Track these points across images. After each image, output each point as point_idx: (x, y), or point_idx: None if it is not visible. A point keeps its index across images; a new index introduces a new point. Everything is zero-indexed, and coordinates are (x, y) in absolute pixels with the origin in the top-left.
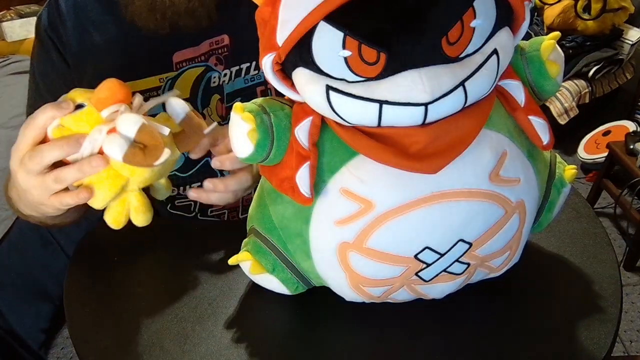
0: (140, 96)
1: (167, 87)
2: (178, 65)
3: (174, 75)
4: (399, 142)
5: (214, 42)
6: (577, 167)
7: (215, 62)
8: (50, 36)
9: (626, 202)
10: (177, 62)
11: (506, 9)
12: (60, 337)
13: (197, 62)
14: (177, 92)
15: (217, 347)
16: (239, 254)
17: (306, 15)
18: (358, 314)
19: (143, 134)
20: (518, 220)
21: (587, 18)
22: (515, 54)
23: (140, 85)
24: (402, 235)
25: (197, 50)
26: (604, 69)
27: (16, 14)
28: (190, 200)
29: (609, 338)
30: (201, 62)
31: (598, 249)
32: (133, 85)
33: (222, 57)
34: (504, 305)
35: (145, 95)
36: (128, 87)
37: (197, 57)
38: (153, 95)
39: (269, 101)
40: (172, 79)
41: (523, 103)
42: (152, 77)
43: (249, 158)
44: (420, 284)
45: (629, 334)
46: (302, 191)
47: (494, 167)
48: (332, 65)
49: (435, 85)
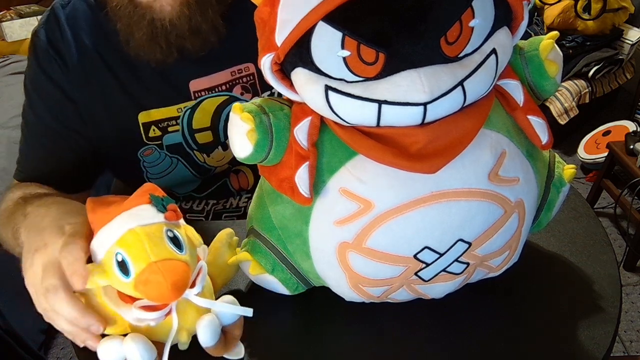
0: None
1: (185, 116)
2: (196, 94)
3: (192, 105)
4: (398, 142)
5: (237, 71)
6: (576, 167)
7: (241, 92)
8: (51, 55)
9: (626, 202)
10: (194, 90)
11: (505, 8)
12: (61, 337)
13: (218, 91)
14: (249, 313)
15: None
16: (238, 254)
17: (305, 15)
18: (358, 314)
19: (238, 327)
20: (517, 219)
21: (587, 18)
22: (514, 54)
23: (157, 115)
24: (401, 235)
25: (215, 79)
26: (604, 69)
27: (16, 14)
28: (202, 216)
29: (608, 338)
30: (222, 91)
31: (598, 248)
32: (150, 115)
33: (248, 85)
34: (503, 305)
35: (164, 126)
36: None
37: (217, 86)
38: (172, 125)
39: (268, 101)
40: (191, 108)
41: (522, 102)
42: (171, 107)
43: (248, 158)
44: (420, 283)
45: (629, 334)
46: (302, 191)
47: (493, 166)
48: (331, 65)
49: (434, 85)
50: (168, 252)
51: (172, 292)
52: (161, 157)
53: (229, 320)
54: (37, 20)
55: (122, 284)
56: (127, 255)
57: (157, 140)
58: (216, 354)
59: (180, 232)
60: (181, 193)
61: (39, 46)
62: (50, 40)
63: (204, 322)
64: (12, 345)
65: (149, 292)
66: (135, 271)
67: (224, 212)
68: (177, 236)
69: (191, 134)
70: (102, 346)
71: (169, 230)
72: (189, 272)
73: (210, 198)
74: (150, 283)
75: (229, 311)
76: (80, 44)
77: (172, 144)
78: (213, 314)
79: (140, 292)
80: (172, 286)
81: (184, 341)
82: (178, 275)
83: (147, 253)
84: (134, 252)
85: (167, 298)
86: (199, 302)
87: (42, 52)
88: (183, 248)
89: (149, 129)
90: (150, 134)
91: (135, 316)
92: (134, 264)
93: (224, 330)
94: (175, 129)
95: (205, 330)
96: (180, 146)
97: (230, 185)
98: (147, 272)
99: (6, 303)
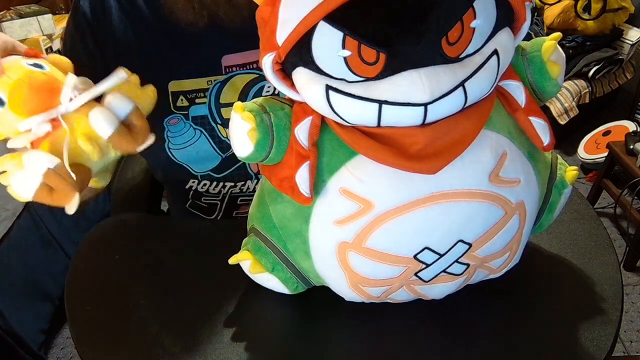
0: (73, 77)
1: (214, 90)
2: (227, 69)
3: (222, 79)
4: (399, 142)
5: None
6: (577, 168)
7: None
8: (89, 23)
9: (626, 202)
10: (226, 65)
11: (507, 9)
12: (60, 337)
13: (249, 68)
14: (124, 75)
15: (217, 346)
16: (239, 253)
17: (306, 14)
18: (357, 314)
19: (135, 116)
20: (518, 221)
21: (587, 18)
22: (516, 55)
23: (188, 85)
24: (401, 236)
25: (248, 56)
26: (604, 69)
27: (16, 14)
28: (217, 200)
29: (609, 340)
30: (253, 69)
31: (599, 250)
32: (181, 85)
33: None
34: (504, 306)
35: (192, 97)
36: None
37: (248, 63)
38: (200, 97)
39: (269, 101)
40: (220, 82)
41: (523, 104)
42: (201, 79)
43: (249, 157)
44: (420, 284)
45: (629, 334)
46: (302, 191)
47: (494, 167)
48: (331, 65)
49: (434, 86)
50: (28, 71)
51: (38, 93)
52: (185, 127)
53: (122, 111)
54: (37, 20)
55: (3, 116)
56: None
57: (184, 110)
58: (126, 146)
59: (42, 61)
60: (200, 171)
61: (79, 15)
62: (92, 9)
63: (93, 112)
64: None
65: (20, 103)
66: (5, 95)
67: (240, 195)
68: (38, 63)
69: (217, 107)
70: (13, 183)
71: (27, 61)
72: (54, 80)
73: (228, 180)
74: (17, 94)
75: (102, 89)
76: (122, 5)
77: (197, 116)
78: (102, 106)
79: (14, 109)
80: (36, 89)
81: (89, 148)
82: (39, 81)
83: (9, 78)
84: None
85: (39, 102)
86: (75, 103)
87: (82, 21)
88: (44, 67)
89: (177, 98)
90: (178, 104)
91: (25, 127)
92: (1, 92)
93: (126, 124)
94: (203, 101)
95: (98, 117)
96: (205, 118)
97: (249, 167)
98: (14, 89)
99: (6, 303)
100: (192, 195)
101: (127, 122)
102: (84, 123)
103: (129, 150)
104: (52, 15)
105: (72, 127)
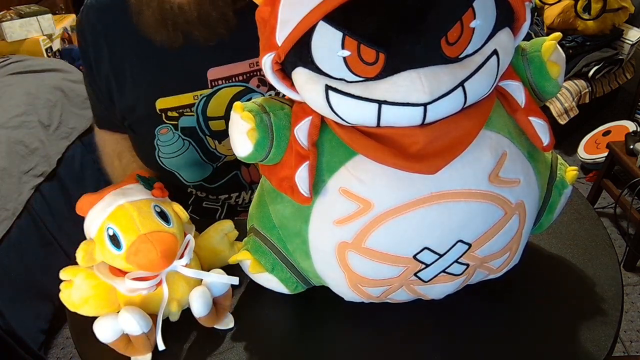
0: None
1: (201, 104)
2: (213, 82)
3: (208, 93)
4: (398, 142)
5: (255, 63)
6: (577, 168)
7: (257, 84)
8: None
9: (626, 202)
10: (212, 79)
11: (506, 9)
12: (60, 337)
13: (235, 81)
14: (236, 282)
15: (217, 345)
16: (239, 253)
17: (305, 15)
18: (357, 314)
19: (226, 298)
20: (518, 221)
21: (587, 18)
22: (516, 55)
23: (173, 102)
24: (400, 236)
25: (233, 68)
26: (604, 69)
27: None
28: (218, 205)
29: (609, 340)
30: (239, 81)
31: (599, 251)
32: (167, 102)
33: (265, 78)
34: (504, 307)
35: (180, 111)
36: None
37: (234, 76)
38: (187, 113)
39: (268, 101)
40: (207, 97)
41: (523, 104)
42: (187, 94)
43: (249, 157)
44: (419, 284)
45: (629, 334)
46: (302, 191)
47: (494, 167)
48: (331, 65)
49: (434, 86)
50: (156, 225)
51: (161, 259)
52: (174, 137)
53: (218, 292)
54: (37, 20)
55: (114, 257)
56: (117, 229)
57: (174, 121)
58: (208, 324)
59: (167, 207)
60: (191, 181)
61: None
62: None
63: (196, 292)
64: (12, 345)
65: (140, 261)
66: (126, 243)
67: (237, 207)
68: (164, 211)
69: (205, 120)
70: (98, 323)
71: (156, 205)
72: (177, 243)
73: (221, 192)
74: (140, 252)
75: (216, 280)
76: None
77: (186, 127)
78: (204, 285)
79: (131, 262)
80: (161, 254)
81: (174, 311)
82: (166, 244)
83: (137, 226)
84: (124, 226)
85: (157, 266)
86: (187, 273)
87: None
88: (170, 221)
89: (166, 111)
90: (169, 114)
91: (127, 287)
92: (124, 236)
93: (215, 301)
94: (191, 114)
95: (198, 300)
96: (193, 130)
97: (241, 178)
98: (138, 243)
99: (6, 303)
100: (194, 199)
101: (217, 301)
102: (182, 290)
103: (207, 325)
104: (52, 15)
105: (171, 290)
